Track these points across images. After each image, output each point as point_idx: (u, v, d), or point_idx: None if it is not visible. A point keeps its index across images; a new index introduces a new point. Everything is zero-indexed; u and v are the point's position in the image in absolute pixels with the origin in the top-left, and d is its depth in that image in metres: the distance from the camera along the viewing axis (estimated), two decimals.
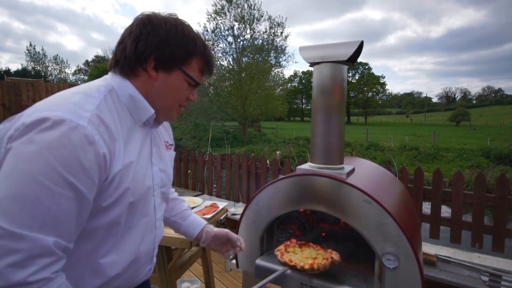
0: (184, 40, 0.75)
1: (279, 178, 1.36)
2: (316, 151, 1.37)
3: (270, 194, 1.39)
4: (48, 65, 41.30)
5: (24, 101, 4.91)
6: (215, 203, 2.07)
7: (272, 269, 1.37)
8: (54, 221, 0.58)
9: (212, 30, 19.88)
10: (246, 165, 3.60)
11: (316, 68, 1.32)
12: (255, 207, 1.45)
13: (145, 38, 0.73)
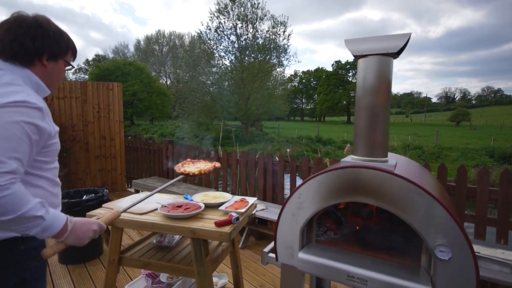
0: (64, 38, 1.09)
1: (323, 170, 1.37)
2: (360, 144, 1.38)
3: (313, 187, 1.40)
4: None
5: None
6: (244, 198, 2.07)
7: (316, 263, 1.38)
8: None
9: (215, 29, 19.85)
10: (263, 162, 3.60)
11: (362, 61, 1.33)
12: (297, 200, 1.45)
13: (40, 38, 1.01)
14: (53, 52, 1.06)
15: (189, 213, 1.72)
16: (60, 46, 1.08)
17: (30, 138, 0.92)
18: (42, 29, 1.03)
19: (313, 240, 1.55)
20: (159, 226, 1.67)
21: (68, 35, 1.13)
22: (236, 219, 1.68)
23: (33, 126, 0.92)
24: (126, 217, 1.74)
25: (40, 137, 0.96)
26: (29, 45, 1.00)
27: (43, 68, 1.05)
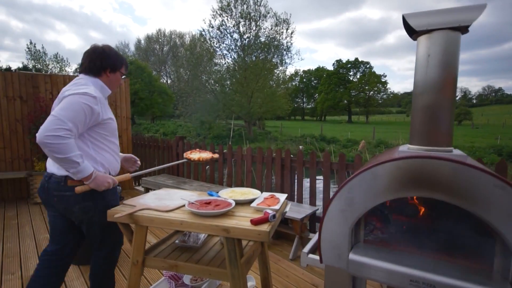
0: (118, 58, 1.69)
1: (378, 162, 1.23)
2: (420, 131, 1.24)
3: (366, 180, 1.26)
4: (48, 63, 40.97)
5: (41, 93, 4.75)
6: (274, 195, 1.93)
7: (371, 265, 1.24)
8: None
9: (217, 27, 19.68)
10: (280, 158, 3.46)
11: (426, 38, 1.18)
12: (346, 195, 1.31)
13: (105, 60, 1.62)
14: (112, 68, 1.67)
15: (220, 210, 1.58)
16: (117, 63, 1.68)
17: (85, 113, 1.46)
18: (106, 54, 1.64)
19: (360, 239, 1.41)
20: (188, 224, 1.53)
21: (122, 56, 1.75)
22: (273, 217, 1.54)
23: (88, 107, 1.47)
24: (151, 214, 1.60)
25: (92, 114, 1.50)
26: (98, 64, 1.62)
27: (107, 78, 1.67)
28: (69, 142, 1.36)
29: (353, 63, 63.17)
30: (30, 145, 4.71)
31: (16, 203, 4.62)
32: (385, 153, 1.56)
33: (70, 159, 1.37)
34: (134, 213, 1.61)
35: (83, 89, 1.47)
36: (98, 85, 1.60)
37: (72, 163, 1.39)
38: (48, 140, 1.32)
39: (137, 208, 1.66)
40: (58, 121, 1.34)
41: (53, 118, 1.35)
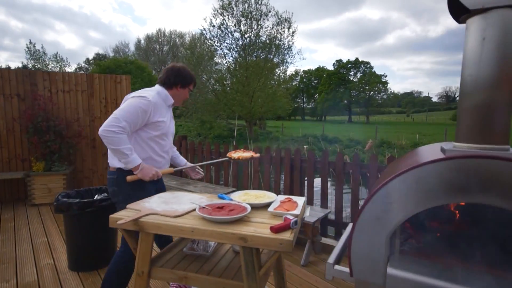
0: (189, 77, 1.97)
1: (423, 162, 1.07)
2: (471, 127, 1.08)
3: (407, 183, 1.10)
4: (48, 63, 40.78)
5: (40, 91, 4.59)
6: (290, 198, 1.77)
7: (412, 281, 1.08)
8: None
9: (218, 26, 19.50)
10: (290, 158, 3.30)
11: (478, 19, 1.02)
12: (383, 200, 1.15)
13: (178, 77, 1.92)
14: (183, 84, 1.95)
15: (236, 215, 1.42)
16: (187, 81, 1.96)
17: (138, 114, 1.72)
18: (180, 73, 1.93)
19: (396, 250, 1.25)
20: (201, 231, 1.36)
21: (193, 75, 2.01)
22: (295, 223, 1.38)
23: (142, 109, 1.73)
24: (158, 220, 1.44)
25: (144, 115, 1.75)
26: (172, 80, 1.91)
27: (176, 91, 1.95)
28: (121, 136, 1.65)
29: (354, 63, 63.06)
30: (27, 144, 4.55)
31: (13, 205, 4.46)
32: (420, 152, 1.40)
33: (121, 150, 1.66)
34: (139, 219, 1.45)
35: (144, 93, 1.79)
36: (163, 94, 1.90)
37: (122, 154, 1.68)
38: (104, 134, 1.63)
39: (142, 213, 1.50)
40: (115, 119, 1.65)
41: (112, 116, 1.67)
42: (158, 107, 1.80)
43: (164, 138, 1.90)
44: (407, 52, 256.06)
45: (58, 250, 2.98)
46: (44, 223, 3.72)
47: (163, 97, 1.88)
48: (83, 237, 2.52)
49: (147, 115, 1.75)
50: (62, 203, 2.47)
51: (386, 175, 1.53)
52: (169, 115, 1.95)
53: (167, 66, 1.96)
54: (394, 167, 1.52)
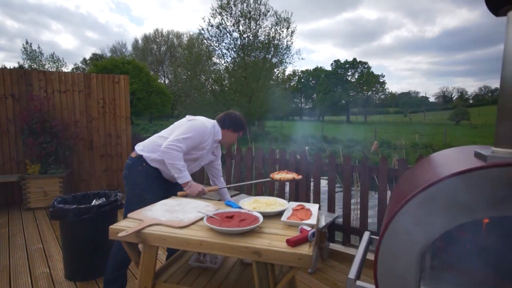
0: (241, 123, 2.21)
1: (462, 170, 0.95)
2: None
3: (446, 193, 0.98)
4: (44, 63, 40.46)
5: (35, 91, 4.44)
6: (303, 205, 1.66)
7: None
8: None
9: (217, 26, 19.36)
10: (295, 161, 3.18)
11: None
12: (415, 211, 1.04)
13: (233, 122, 2.18)
14: (234, 129, 2.18)
15: (248, 226, 1.30)
16: (238, 127, 2.19)
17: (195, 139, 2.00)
18: (235, 119, 2.17)
19: (426, 266, 1.14)
20: (209, 245, 1.25)
21: (244, 124, 2.24)
22: (313, 235, 1.26)
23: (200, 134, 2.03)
24: (163, 232, 1.32)
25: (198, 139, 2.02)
26: (227, 123, 2.15)
27: (227, 132, 2.16)
28: (178, 154, 1.89)
29: (351, 64, 63.11)
30: (22, 146, 4.40)
31: (8, 209, 4.31)
32: (449, 159, 1.29)
33: (175, 165, 1.88)
34: (141, 231, 1.33)
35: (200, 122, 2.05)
36: (216, 129, 2.12)
37: (176, 169, 1.89)
38: (166, 150, 1.87)
39: (145, 223, 1.38)
40: (177, 141, 1.89)
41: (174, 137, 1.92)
42: (209, 137, 2.06)
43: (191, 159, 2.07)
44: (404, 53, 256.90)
45: (54, 257, 2.85)
46: (40, 228, 3.58)
47: (215, 131, 2.11)
48: (80, 245, 2.39)
49: (201, 143, 2.02)
50: (58, 210, 2.34)
51: (409, 182, 1.42)
52: (211, 148, 2.15)
53: (227, 111, 2.23)
54: (417, 174, 1.41)
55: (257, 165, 3.48)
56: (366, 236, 1.62)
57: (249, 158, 3.57)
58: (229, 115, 2.18)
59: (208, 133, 2.02)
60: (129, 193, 2.01)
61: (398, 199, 1.21)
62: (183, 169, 1.90)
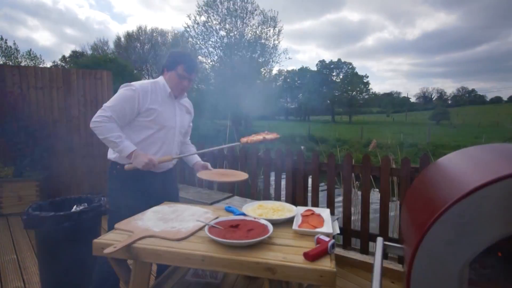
0: (174, 58, 1.76)
1: None
2: None
3: (493, 199, 0.85)
4: (21, 60, 38.68)
5: (9, 87, 4.07)
6: (312, 210, 1.50)
7: None
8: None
9: (203, 24, 19.01)
10: (292, 160, 3.03)
11: None
12: (456, 220, 0.90)
13: (166, 62, 1.79)
14: (168, 68, 1.78)
15: (258, 238, 1.13)
16: (172, 64, 1.76)
17: (123, 103, 1.65)
18: (166, 58, 1.81)
19: (464, 280, 1.00)
20: (214, 261, 1.07)
21: (183, 56, 1.78)
22: (332, 247, 1.11)
23: (127, 98, 1.66)
24: (158, 246, 1.13)
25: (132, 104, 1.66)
26: (163, 69, 1.83)
27: (169, 77, 1.78)
28: (107, 125, 1.57)
29: (336, 64, 63.95)
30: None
31: None
32: (485, 158, 1.16)
33: (109, 139, 1.58)
34: (132, 245, 1.13)
35: (132, 83, 1.68)
36: (161, 83, 1.76)
37: (112, 143, 1.59)
38: (92, 125, 1.59)
39: (136, 236, 1.19)
40: (101, 110, 1.60)
41: (100, 109, 1.62)
42: (148, 95, 1.67)
43: (155, 127, 1.71)
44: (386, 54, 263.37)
45: (30, 270, 2.57)
46: (14, 236, 3.27)
47: (161, 86, 1.75)
48: (59, 257, 2.14)
49: (135, 103, 1.64)
50: (32, 218, 2.08)
51: (435, 186, 1.29)
52: (171, 106, 1.78)
53: None
54: (445, 176, 1.28)
55: (251, 165, 3.31)
56: (380, 243, 1.49)
57: (242, 158, 3.39)
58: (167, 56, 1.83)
59: (139, 92, 1.63)
60: (109, 203, 1.80)
61: (429, 207, 1.08)
62: (119, 140, 1.58)
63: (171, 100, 1.78)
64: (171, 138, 1.79)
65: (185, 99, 1.93)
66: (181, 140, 1.91)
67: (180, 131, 1.85)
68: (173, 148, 1.81)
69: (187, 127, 1.98)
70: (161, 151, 1.74)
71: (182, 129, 1.87)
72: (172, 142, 1.80)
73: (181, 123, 1.84)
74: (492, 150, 1.28)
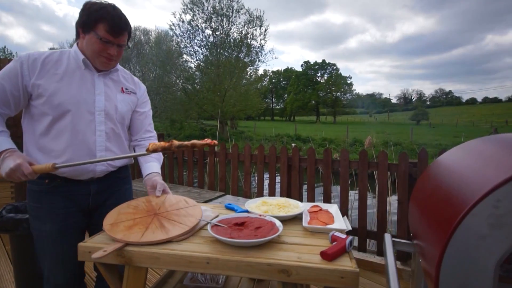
0: (90, 15, 1.15)
1: None
2: None
3: None
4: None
5: None
6: (319, 206, 1.41)
7: None
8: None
9: (188, 22, 18.67)
10: (286, 157, 2.94)
11: None
12: (491, 211, 0.82)
13: (77, 22, 1.20)
14: (82, 28, 1.19)
15: (269, 236, 1.01)
16: (85, 22, 1.17)
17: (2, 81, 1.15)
18: (81, 12, 1.19)
19: (496, 277, 0.93)
20: (220, 263, 0.94)
21: (102, 10, 1.16)
22: (350, 244, 1.01)
23: (7, 73, 1.15)
24: (154, 248, 0.99)
25: (14, 81, 1.15)
26: (76, 32, 1.25)
27: (84, 40, 1.20)
28: None
29: (321, 65, 64.78)
30: None
31: None
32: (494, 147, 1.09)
33: None
34: (125, 248, 0.99)
35: (26, 52, 1.22)
36: (72, 52, 1.25)
37: None
38: None
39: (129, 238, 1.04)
40: None
41: None
42: (37, 66, 1.16)
43: (51, 112, 1.16)
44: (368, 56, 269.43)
45: (4, 278, 2.35)
46: None
47: (71, 54, 1.23)
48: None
49: (18, 79, 1.14)
50: (7, 220, 1.88)
51: (449, 177, 1.21)
52: (83, 80, 1.22)
53: None
54: (456, 168, 1.21)
55: (244, 162, 3.18)
56: (389, 240, 1.41)
57: (234, 156, 3.26)
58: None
59: (29, 62, 1.15)
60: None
61: (454, 200, 1.00)
62: None
63: (85, 73, 1.23)
64: (86, 128, 1.21)
65: (119, 74, 1.35)
66: (119, 132, 1.32)
67: (108, 117, 1.26)
68: (95, 143, 1.23)
69: (127, 112, 1.35)
70: (73, 147, 1.19)
71: (112, 114, 1.27)
72: (91, 133, 1.22)
73: (107, 105, 1.25)
74: (497, 141, 1.23)
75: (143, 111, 1.46)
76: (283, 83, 76.75)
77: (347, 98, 64.26)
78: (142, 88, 1.48)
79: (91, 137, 1.22)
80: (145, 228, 1.07)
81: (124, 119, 1.34)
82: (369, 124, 54.79)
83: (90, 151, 1.22)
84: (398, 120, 68.98)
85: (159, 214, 1.19)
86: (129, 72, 1.44)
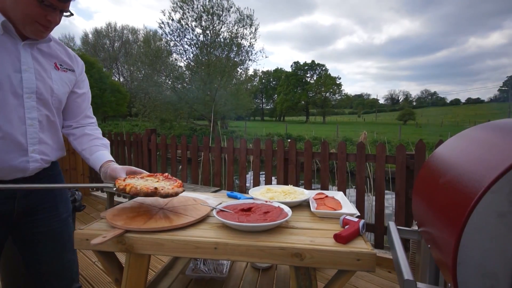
0: None
1: None
2: None
3: None
4: None
5: None
6: (324, 193, 1.37)
7: None
8: None
9: (178, 20, 18.46)
10: (283, 151, 2.90)
11: None
12: (509, 189, 0.79)
13: None
14: None
15: (280, 220, 0.97)
16: None
17: None
18: None
19: None
20: (229, 248, 0.89)
21: None
22: (363, 227, 0.98)
23: None
24: (158, 235, 0.93)
25: None
26: None
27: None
28: None
29: (310, 65, 65.23)
30: None
31: None
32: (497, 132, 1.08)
33: None
34: (125, 234, 0.93)
35: None
36: None
37: None
38: None
39: (129, 225, 0.98)
40: None
41: None
42: None
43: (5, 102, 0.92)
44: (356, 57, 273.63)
45: None
46: None
47: None
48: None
49: None
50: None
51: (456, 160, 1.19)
52: (7, 47, 0.94)
53: None
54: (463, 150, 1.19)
55: (239, 156, 3.13)
56: (394, 227, 1.38)
57: (230, 150, 3.20)
58: None
59: None
60: None
61: (468, 182, 0.98)
62: None
63: (4, 40, 0.94)
64: (12, 115, 0.94)
65: (51, 45, 1.07)
66: (54, 119, 1.07)
67: (42, 101, 1.01)
68: (25, 134, 0.97)
69: (64, 94, 1.09)
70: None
71: (47, 98, 1.02)
72: (19, 122, 0.96)
73: (39, 86, 0.99)
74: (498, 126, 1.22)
75: (81, 92, 1.18)
76: (273, 83, 76.97)
77: (336, 99, 64.95)
78: (80, 64, 1.19)
79: (20, 127, 0.96)
80: (149, 218, 1.01)
81: (61, 103, 1.09)
82: (357, 123, 55.53)
83: (20, 145, 0.96)
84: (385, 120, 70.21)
85: (165, 208, 1.13)
86: (62, 43, 1.14)
